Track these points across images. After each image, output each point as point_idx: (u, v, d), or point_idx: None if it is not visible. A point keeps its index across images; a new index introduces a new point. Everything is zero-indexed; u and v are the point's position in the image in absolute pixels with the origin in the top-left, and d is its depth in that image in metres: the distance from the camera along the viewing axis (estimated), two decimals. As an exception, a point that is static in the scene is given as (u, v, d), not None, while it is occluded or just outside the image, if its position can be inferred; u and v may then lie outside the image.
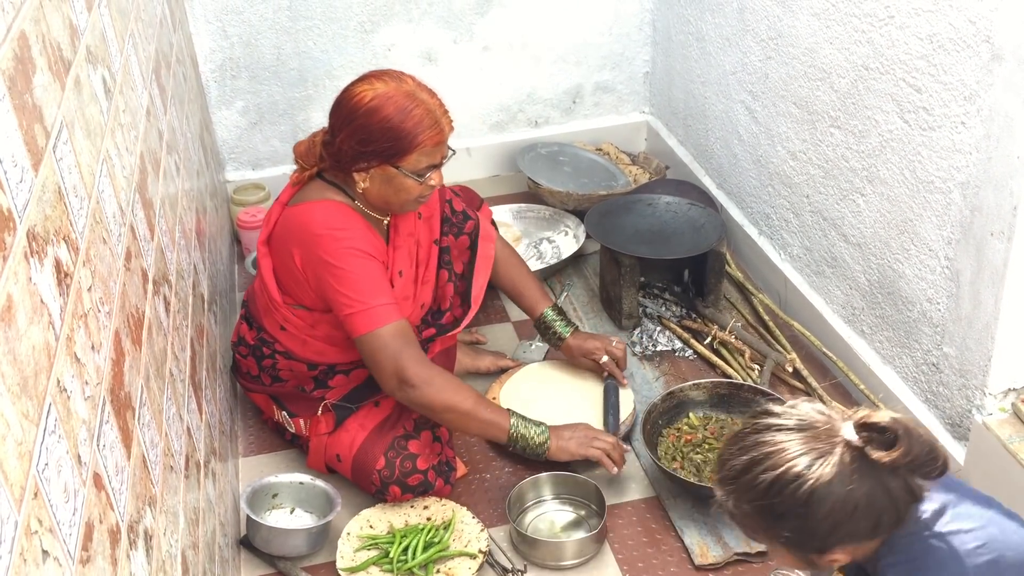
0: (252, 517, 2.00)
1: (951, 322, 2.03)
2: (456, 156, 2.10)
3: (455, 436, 2.27)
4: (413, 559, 1.96)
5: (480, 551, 1.99)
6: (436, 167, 2.00)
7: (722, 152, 3.00)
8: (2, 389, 0.85)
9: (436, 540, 2.01)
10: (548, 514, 2.12)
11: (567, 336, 2.34)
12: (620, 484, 2.17)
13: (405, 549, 1.99)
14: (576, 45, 3.37)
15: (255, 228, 2.91)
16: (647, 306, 2.67)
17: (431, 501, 2.11)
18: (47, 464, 0.93)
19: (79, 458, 1.03)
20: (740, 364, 2.47)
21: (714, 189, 3.07)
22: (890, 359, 2.28)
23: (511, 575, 1.99)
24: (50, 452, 0.94)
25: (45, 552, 0.88)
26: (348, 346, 2.07)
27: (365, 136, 1.94)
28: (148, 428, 1.38)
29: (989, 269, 1.88)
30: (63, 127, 1.19)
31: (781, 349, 2.48)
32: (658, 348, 2.57)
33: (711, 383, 2.30)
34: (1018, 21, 1.71)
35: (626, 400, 2.32)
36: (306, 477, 2.13)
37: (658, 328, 2.61)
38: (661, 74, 3.38)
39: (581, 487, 2.12)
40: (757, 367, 2.44)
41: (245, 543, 2.06)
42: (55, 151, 1.14)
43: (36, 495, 0.89)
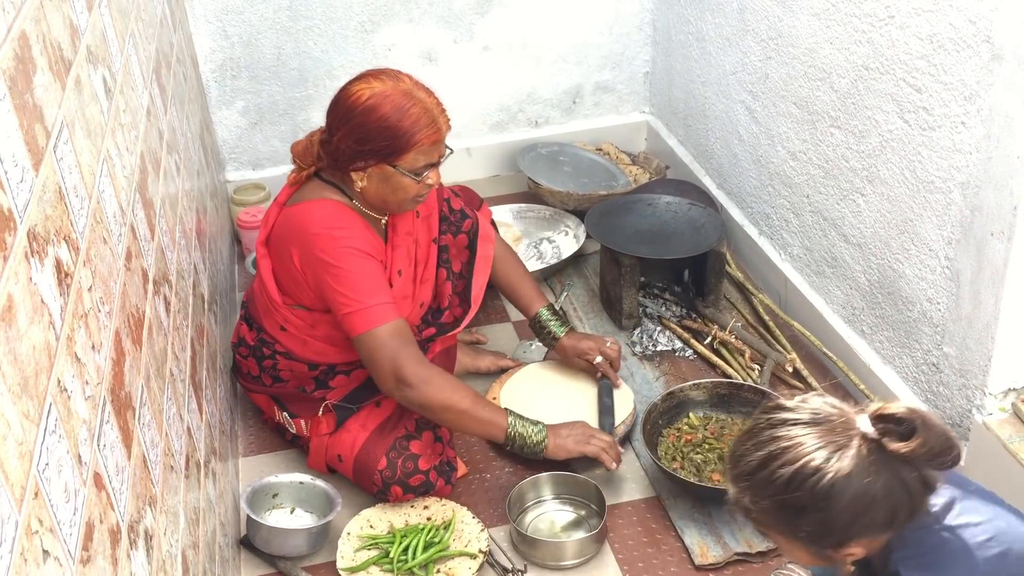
0: (252, 517, 2.00)
1: (951, 322, 2.03)
2: (456, 156, 2.10)
3: (456, 436, 2.27)
4: (413, 559, 1.96)
5: (480, 551, 1.99)
6: (434, 166, 2.00)
7: (722, 152, 3.00)
8: (3, 389, 0.85)
9: (436, 540, 2.01)
10: (548, 514, 2.12)
11: (561, 336, 2.34)
12: (620, 484, 2.17)
13: (405, 549, 1.99)
14: (576, 45, 3.37)
15: (255, 228, 2.91)
16: (647, 306, 2.67)
17: (431, 501, 2.11)
18: (47, 464, 0.93)
19: (79, 458, 1.03)
20: (740, 364, 2.47)
21: (714, 189, 3.07)
22: (890, 359, 2.28)
23: (511, 575, 1.99)
24: (50, 452, 0.94)
25: (46, 552, 0.88)
26: (348, 346, 2.07)
27: (362, 135, 1.93)
28: (148, 428, 1.38)
29: (989, 269, 1.88)
30: (64, 127, 1.19)
31: (781, 349, 2.48)
32: (658, 348, 2.57)
33: (711, 383, 2.30)
34: (1018, 21, 1.71)
35: (626, 400, 2.32)
36: (306, 477, 2.13)
37: (658, 328, 2.61)
38: (661, 74, 3.38)
39: (581, 487, 2.12)
40: (757, 367, 2.44)
41: (245, 543, 2.06)
42: (56, 151, 1.14)
43: (37, 495, 0.89)
